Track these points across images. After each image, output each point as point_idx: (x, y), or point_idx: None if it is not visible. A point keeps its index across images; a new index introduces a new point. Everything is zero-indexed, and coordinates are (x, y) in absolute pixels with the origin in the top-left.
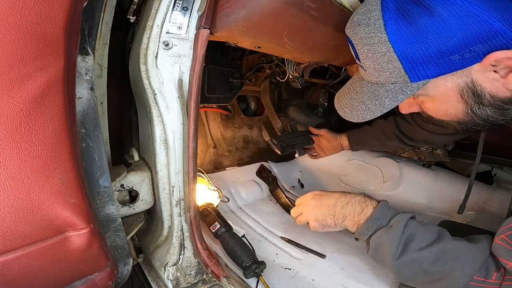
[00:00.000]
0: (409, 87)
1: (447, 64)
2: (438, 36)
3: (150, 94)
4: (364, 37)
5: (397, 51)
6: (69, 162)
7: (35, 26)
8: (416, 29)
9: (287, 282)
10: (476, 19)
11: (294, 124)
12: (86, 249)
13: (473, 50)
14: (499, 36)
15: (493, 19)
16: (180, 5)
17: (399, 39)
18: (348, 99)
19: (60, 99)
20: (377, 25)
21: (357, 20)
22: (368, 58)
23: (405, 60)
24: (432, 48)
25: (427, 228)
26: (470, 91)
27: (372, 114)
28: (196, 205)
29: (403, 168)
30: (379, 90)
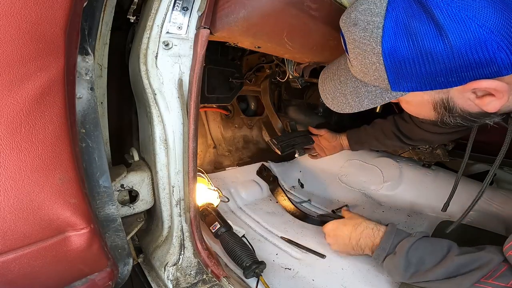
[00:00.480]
0: (388, 94)
1: (431, 83)
2: (436, 61)
3: (150, 94)
4: (358, 40)
5: (386, 65)
6: (69, 162)
7: (35, 26)
8: (416, 51)
9: (287, 282)
10: (485, 49)
11: (294, 124)
12: (86, 249)
13: (461, 75)
14: (494, 65)
15: (499, 49)
16: (180, 5)
17: (393, 56)
18: (332, 86)
19: (60, 99)
20: (375, 34)
21: (354, 18)
22: (357, 60)
23: (391, 72)
24: (425, 71)
25: (435, 246)
26: (443, 106)
27: (351, 109)
28: (196, 205)
29: (403, 168)
30: (361, 88)
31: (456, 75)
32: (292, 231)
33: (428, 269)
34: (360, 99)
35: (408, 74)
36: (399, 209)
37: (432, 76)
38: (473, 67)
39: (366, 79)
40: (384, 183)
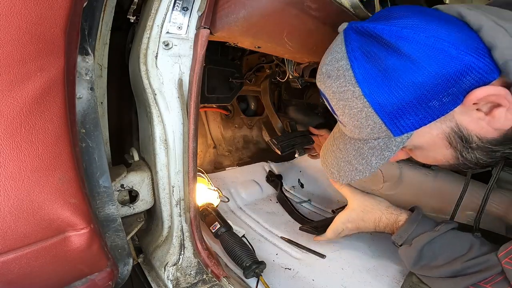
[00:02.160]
0: (394, 142)
1: (427, 112)
2: (412, 81)
3: (150, 94)
4: (337, 91)
5: (373, 105)
6: (69, 162)
7: (35, 26)
8: (388, 76)
9: (287, 282)
10: (448, 56)
11: (294, 124)
12: (86, 249)
13: (451, 93)
14: (473, 71)
15: (463, 53)
16: (180, 5)
17: (372, 91)
18: (334, 158)
19: (60, 99)
20: (347, 76)
21: (326, 71)
22: (346, 114)
23: (383, 114)
24: (408, 96)
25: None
26: (457, 136)
27: (361, 174)
28: (196, 205)
29: (403, 168)
30: (363, 147)
31: (446, 93)
32: (292, 231)
33: (437, 266)
34: (367, 160)
35: (399, 108)
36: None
37: (424, 103)
38: (455, 80)
39: (364, 135)
40: (384, 183)
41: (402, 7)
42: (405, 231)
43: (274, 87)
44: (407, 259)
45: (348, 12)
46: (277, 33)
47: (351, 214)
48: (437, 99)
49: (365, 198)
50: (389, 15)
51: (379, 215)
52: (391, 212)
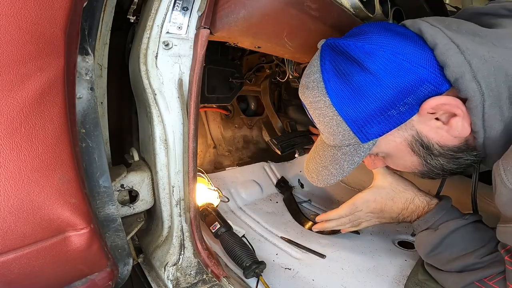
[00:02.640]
0: (362, 148)
1: (388, 120)
2: (373, 93)
3: (150, 94)
4: (313, 101)
5: (341, 113)
6: (69, 162)
7: (35, 26)
8: (353, 88)
9: (287, 282)
10: (403, 70)
11: (294, 124)
12: (86, 249)
13: (407, 102)
14: (426, 83)
15: (417, 67)
16: (180, 5)
17: (340, 101)
18: (314, 164)
19: (60, 99)
20: (320, 88)
21: (304, 83)
22: (321, 122)
23: (350, 122)
24: (370, 106)
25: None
26: (419, 143)
27: (335, 178)
28: (196, 205)
29: None
30: (337, 153)
31: (402, 103)
32: (292, 231)
33: (451, 259)
34: (340, 165)
35: (363, 117)
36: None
37: (384, 113)
38: (409, 91)
39: (337, 141)
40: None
41: (371, 24)
42: (433, 215)
43: (274, 87)
44: (426, 244)
45: (348, 12)
46: (277, 33)
47: (380, 191)
48: (395, 108)
49: (398, 178)
50: (359, 32)
51: (412, 196)
52: (424, 195)
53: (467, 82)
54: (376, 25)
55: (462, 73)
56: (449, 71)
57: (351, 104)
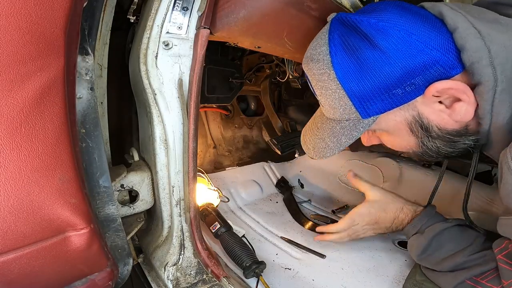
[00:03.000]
0: (362, 124)
1: (391, 99)
2: (381, 70)
3: (150, 94)
4: (316, 73)
5: (345, 88)
6: (69, 162)
7: (35, 26)
8: (360, 64)
9: (287, 282)
10: (415, 50)
11: (294, 124)
12: (86, 249)
13: (414, 83)
14: (436, 65)
15: (430, 48)
16: (180, 5)
17: (345, 75)
18: (311, 136)
19: (60, 99)
20: (326, 60)
21: (310, 55)
22: (322, 95)
23: (353, 97)
24: (376, 83)
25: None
26: (418, 124)
27: (331, 151)
28: (196, 205)
29: (403, 168)
30: (336, 127)
31: (409, 83)
32: (292, 231)
33: (441, 259)
34: (338, 138)
35: (367, 93)
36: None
37: (389, 90)
38: (418, 71)
39: (337, 115)
40: (384, 183)
41: (387, 2)
42: (420, 220)
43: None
44: (417, 247)
45: (348, 12)
46: (277, 33)
47: (373, 204)
48: (401, 88)
49: (386, 191)
50: (373, 9)
51: (401, 205)
52: (411, 204)
53: (482, 67)
54: (392, 4)
55: (479, 58)
56: (466, 55)
57: (356, 79)
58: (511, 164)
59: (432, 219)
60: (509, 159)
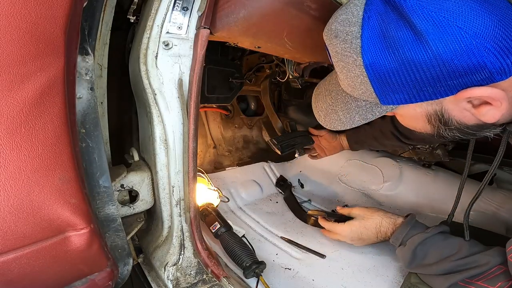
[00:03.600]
0: (378, 109)
1: (419, 94)
2: (419, 65)
3: (150, 94)
4: (340, 52)
5: (370, 77)
6: (69, 162)
7: (35, 26)
8: (397, 57)
9: (287, 282)
10: (467, 51)
11: (294, 124)
12: (86, 249)
13: (450, 84)
14: (484, 71)
15: (485, 51)
16: (180, 5)
17: (375, 67)
18: (324, 103)
19: (60, 99)
20: (354, 44)
21: (335, 29)
22: (343, 73)
23: (377, 85)
24: (408, 78)
25: (444, 246)
26: (438, 118)
27: (343, 126)
28: (196, 205)
29: (403, 168)
30: (351, 103)
31: (445, 83)
32: (292, 231)
33: (429, 264)
34: (351, 115)
35: (394, 85)
36: (399, 209)
37: (418, 86)
38: (461, 74)
39: (355, 94)
40: (384, 183)
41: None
42: (400, 232)
43: (274, 87)
44: (403, 259)
45: None
46: (277, 33)
47: (353, 223)
48: (433, 86)
49: (365, 209)
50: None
51: (380, 220)
52: (389, 216)
53: None
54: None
55: None
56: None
57: (387, 72)
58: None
59: (412, 230)
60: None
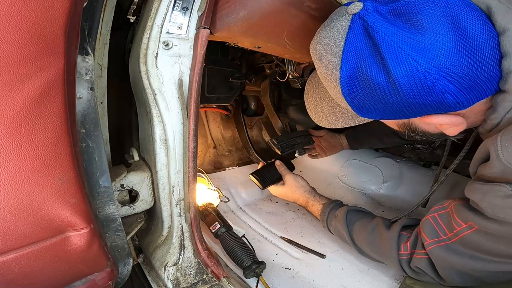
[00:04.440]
0: (358, 118)
1: (389, 116)
2: (390, 105)
3: (150, 94)
4: (323, 74)
5: (348, 101)
6: (69, 162)
7: (35, 26)
8: (371, 95)
9: (287, 282)
10: (434, 94)
11: (294, 124)
12: (86, 249)
13: (415, 113)
14: (445, 105)
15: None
16: (180, 5)
17: (351, 95)
18: (314, 100)
19: (60, 99)
20: (334, 75)
21: (318, 52)
22: (327, 88)
23: (355, 108)
24: (380, 109)
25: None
26: (406, 127)
27: (329, 125)
28: (196, 205)
29: (403, 168)
30: (336, 109)
31: (410, 112)
32: (292, 231)
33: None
34: (336, 118)
35: (368, 110)
36: (399, 209)
37: (389, 113)
38: (426, 107)
39: (338, 103)
40: (384, 183)
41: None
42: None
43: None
44: (343, 229)
45: None
46: (277, 33)
47: (281, 189)
48: (401, 113)
49: (295, 180)
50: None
51: (297, 196)
52: (305, 196)
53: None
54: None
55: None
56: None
57: (361, 99)
58: (499, 152)
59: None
60: (499, 146)
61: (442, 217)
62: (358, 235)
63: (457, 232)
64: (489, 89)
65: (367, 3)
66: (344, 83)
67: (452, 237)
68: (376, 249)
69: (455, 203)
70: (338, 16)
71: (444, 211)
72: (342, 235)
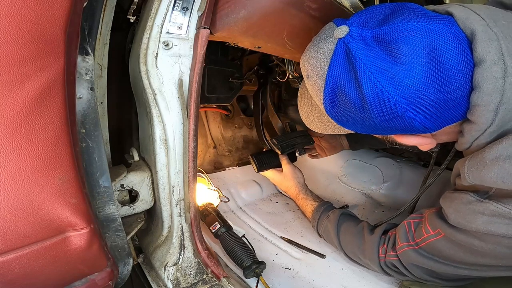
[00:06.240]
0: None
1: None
2: (366, 125)
3: (150, 94)
4: (310, 90)
5: (332, 118)
6: (69, 162)
7: (35, 26)
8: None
9: (287, 282)
10: (403, 120)
11: (293, 124)
12: (86, 249)
13: (388, 133)
14: (414, 128)
15: (416, 120)
16: (180, 5)
17: (333, 113)
18: (305, 105)
19: (60, 99)
20: (319, 95)
21: (306, 70)
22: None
23: (338, 122)
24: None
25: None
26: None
27: (318, 130)
28: (196, 205)
29: (403, 168)
30: (324, 116)
31: (383, 131)
32: (292, 231)
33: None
34: (324, 125)
35: (349, 125)
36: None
37: (366, 129)
38: (394, 129)
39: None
40: (384, 183)
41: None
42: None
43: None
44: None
45: (348, 12)
46: (277, 33)
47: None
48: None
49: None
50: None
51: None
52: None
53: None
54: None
55: (488, 102)
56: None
57: (343, 119)
58: (466, 174)
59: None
60: (466, 170)
61: (415, 224)
62: (344, 237)
63: (424, 239)
64: (456, 117)
65: (352, 28)
66: (327, 103)
67: (420, 243)
68: (360, 251)
69: (430, 212)
70: (326, 37)
71: (419, 219)
72: (330, 237)
